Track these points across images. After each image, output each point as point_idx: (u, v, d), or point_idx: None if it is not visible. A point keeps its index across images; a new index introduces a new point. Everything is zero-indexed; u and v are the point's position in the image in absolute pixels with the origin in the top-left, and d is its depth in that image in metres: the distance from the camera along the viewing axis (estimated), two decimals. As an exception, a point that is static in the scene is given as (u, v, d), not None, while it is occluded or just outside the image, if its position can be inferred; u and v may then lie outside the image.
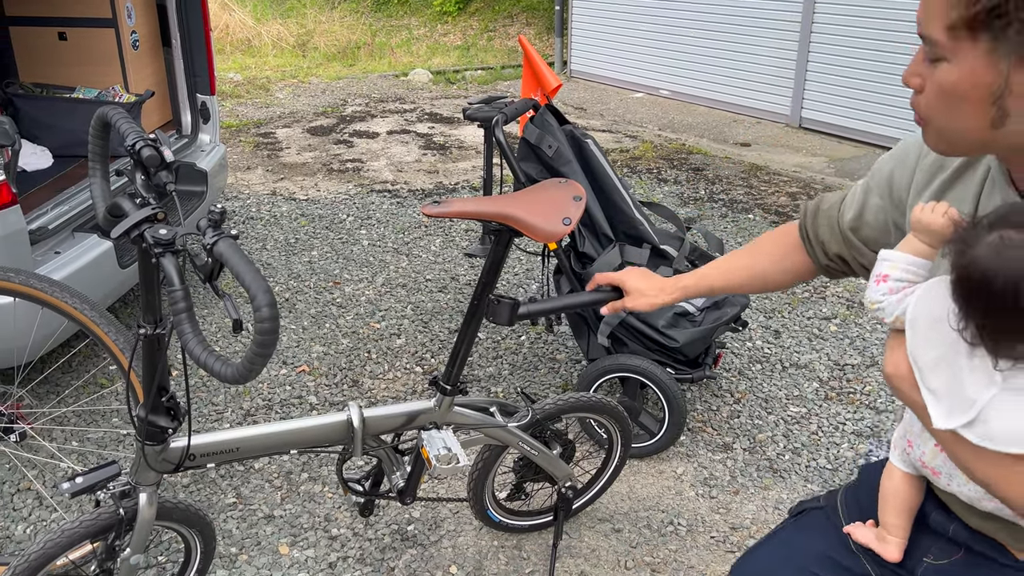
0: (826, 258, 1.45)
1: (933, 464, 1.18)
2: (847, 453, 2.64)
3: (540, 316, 1.75)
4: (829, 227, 1.43)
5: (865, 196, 1.36)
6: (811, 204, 1.47)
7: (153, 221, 1.32)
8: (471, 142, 6.18)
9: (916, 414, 1.10)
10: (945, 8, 0.95)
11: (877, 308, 1.09)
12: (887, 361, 1.12)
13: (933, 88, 1.02)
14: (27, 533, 2.18)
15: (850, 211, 1.38)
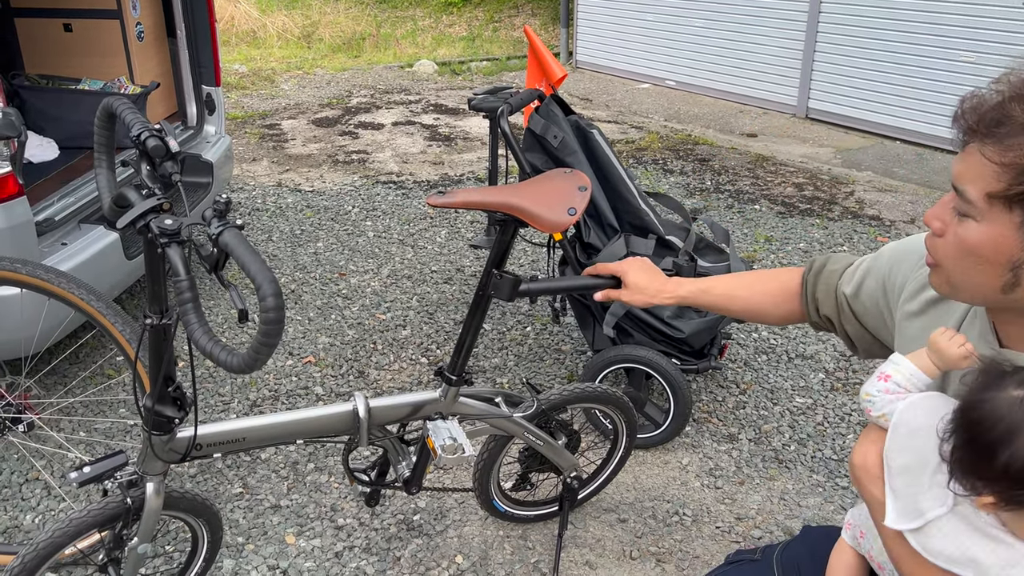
0: (817, 315, 1.51)
1: (880, 560, 1.25)
2: (853, 444, 2.64)
3: (539, 295, 1.75)
4: (826, 291, 1.48)
5: (864, 277, 1.40)
6: (819, 260, 1.52)
7: (159, 211, 1.32)
8: (476, 133, 6.17)
9: (869, 508, 1.16)
10: (990, 178, 0.98)
11: (868, 400, 1.15)
12: (857, 451, 1.18)
13: (954, 239, 1.05)
14: (35, 522, 2.19)
15: (848, 286, 1.43)
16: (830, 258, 1.50)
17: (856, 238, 4.28)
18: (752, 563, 1.53)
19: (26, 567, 1.53)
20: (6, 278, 1.97)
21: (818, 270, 1.49)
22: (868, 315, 1.41)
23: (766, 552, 1.53)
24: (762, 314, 1.59)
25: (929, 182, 5.28)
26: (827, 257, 1.51)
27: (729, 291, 1.60)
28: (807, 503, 2.37)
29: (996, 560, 0.99)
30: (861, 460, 1.15)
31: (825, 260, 1.50)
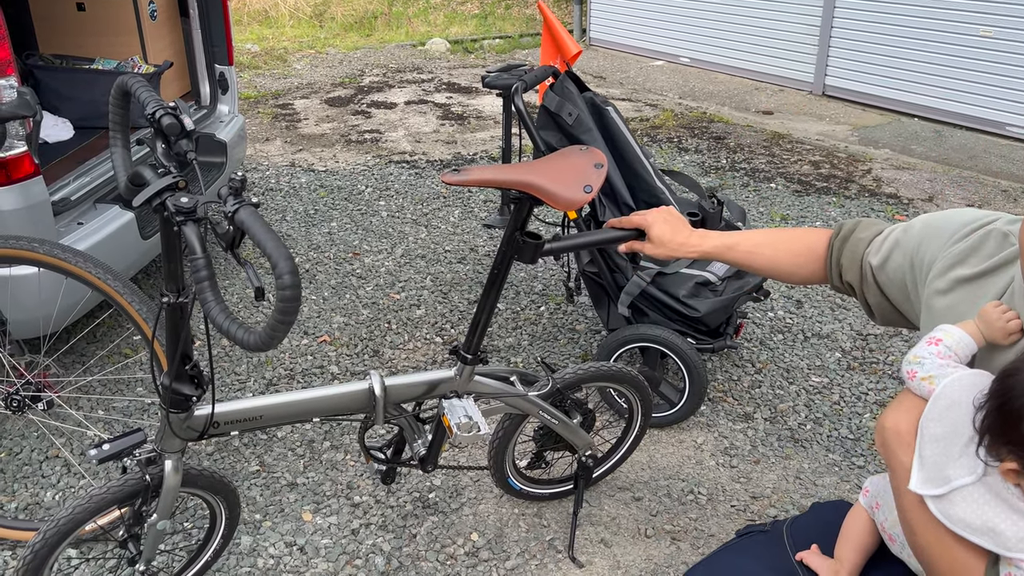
0: (839, 280, 1.50)
1: (893, 531, 1.27)
2: (869, 423, 2.63)
3: (563, 252, 1.74)
4: (852, 258, 1.46)
5: (892, 249, 1.39)
6: (848, 225, 1.50)
7: (174, 190, 1.32)
8: (489, 112, 6.14)
9: (893, 474, 1.16)
10: None
11: (917, 362, 1.17)
12: (889, 415, 1.18)
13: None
14: (56, 499, 2.22)
15: (876, 257, 1.42)
16: (859, 223, 1.49)
17: (873, 216, 4.23)
18: (762, 534, 1.54)
19: (47, 543, 1.54)
20: (24, 257, 1.98)
21: (846, 235, 1.48)
22: (892, 287, 1.40)
23: (775, 525, 1.55)
24: (785, 273, 1.57)
25: (947, 159, 5.22)
26: (856, 222, 1.49)
27: (754, 248, 1.58)
28: (823, 482, 2.36)
29: (1016, 532, 1.01)
30: (893, 424, 1.15)
31: (854, 225, 1.48)
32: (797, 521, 1.53)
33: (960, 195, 4.61)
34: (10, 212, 2.22)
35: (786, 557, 1.47)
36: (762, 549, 1.50)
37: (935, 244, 1.31)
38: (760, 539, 1.53)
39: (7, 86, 2.14)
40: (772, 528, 1.54)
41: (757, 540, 1.53)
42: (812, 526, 1.51)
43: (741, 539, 1.57)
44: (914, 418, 1.14)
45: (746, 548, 1.53)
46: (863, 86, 6.41)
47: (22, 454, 2.36)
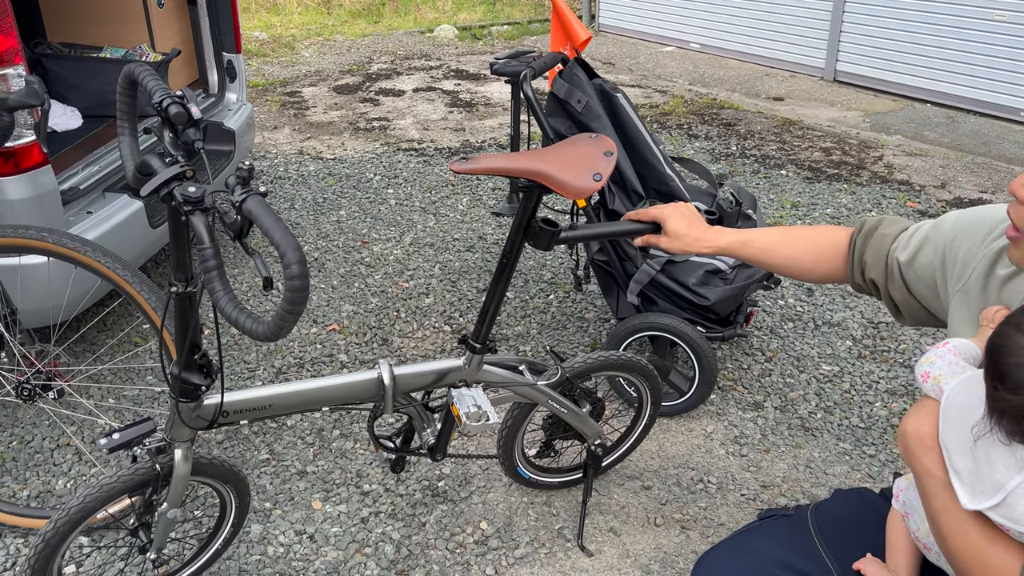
0: (861, 278, 1.47)
1: (926, 540, 1.25)
2: (880, 412, 2.61)
3: (578, 241, 1.72)
4: (876, 255, 1.43)
5: (921, 245, 1.36)
6: (870, 222, 1.47)
7: (182, 179, 1.32)
8: (497, 99, 6.11)
9: (919, 479, 1.14)
10: None
11: (930, 362, 1.15)
12: (910, 420, 1.15)
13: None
14: (67, 487, 2.23)
15: (904, 253, 1.39)
16: (882, 220, 1.46)
17: (885, 203, 4.20)
18: (786, 518, 1.52)
19: (59, 531, 1.55)
20: (33, 247, 1.98)
21: (869, 232, 1.45)
22: (920, 284, 1.37)
23: (799, 509, 1.53)
24: (802, 271, 1.55)
25: (961, 145, 5.17)
26: (879, 219, 1.47)
27: (770, 245, 1.56)
28: (833, 471, 2.35)
29: None
30: (915, 429, 1.12)
31: (877, 223, 1.46)
32: (821, 507, 1.51)
33: (973, 182, 4.56)
34: (19, 201, 2.22)
35: (810, 542, 1.45)
36: (786, 533, 1.48)
37: (969, 241, 1.28)
38: (783, 523, 1.51)
39: (15, 75, 2.14)
40: (796, 512, 1.52)
41: (780, 524, 1.51)
42: (837, 513, 1.48)
43: (764, 522, 1.55)
44: (935, 421, 1.12)
45: (769, 531, 1.51)
46: (875, 72, 6.34)
47: (34, 442, 2.38)
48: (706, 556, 1.54)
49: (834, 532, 1.45)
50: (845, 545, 1.42)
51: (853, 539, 1.43)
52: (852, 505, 1.50)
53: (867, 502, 1.50)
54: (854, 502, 1.51)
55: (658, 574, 2.00)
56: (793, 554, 1.44)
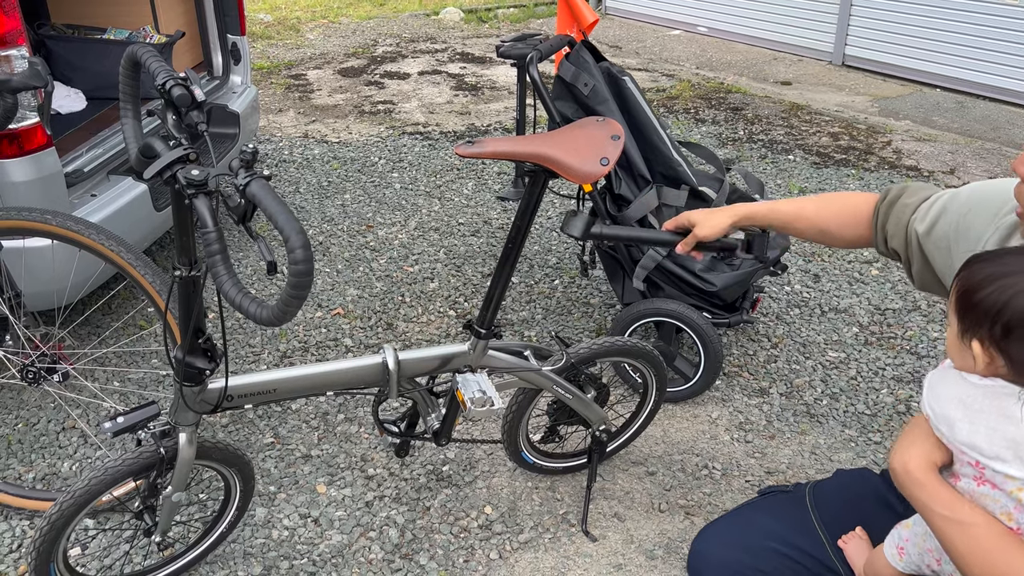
0: (884, 246, 1.48)
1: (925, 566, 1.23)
2: (887, 399, 2.60)
3: (611, 240, 1.76)
4: (897, 224, 1.44)
5: (939, 216, 1.37)
6: (894, 190, 1.48)
7: (185, 162, 1.30)
8: (503, 82, 6.08)
9: (921, 513, 1.13)
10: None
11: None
12: (895, 456, 1.15)
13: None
14: (73, 470, 2.23)
15: (922, 224, 1.39)
16: (906, 188, 1.46)
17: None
18: (785, 494, 1.55)
19: (64, 513, 1.56)
20: (37, 229, 1.97)
21: (892, 201, 1.46)
22: (938, 254, 1.37)
23: (798, 487, 1.55)
24: (829, 235, 1.56)
25: (970, 131, 5.13)
26: (903, 187, 1.47)
27: (797, 209, 1.58)
28: (839, 457, 2.35)
29: None
30: (900, 464, 1.13)
31: (900, 191, 1.46)
32: (820, 485, 1.53)
33: (982, 167, 4.53)
34: (23, 184, 2.21)
35: (807, 519, 1.47)
36: (784, 509, 1.51)
37: (983, 217, 1.29)
38: (782, 499, 1.53)
39: (18, 56, 2.12)
40: (795, 490, 1.54)
41: (779, 500, 1.54)
42: (835, 491, 1.50)
43: (763, 498, 1.58)
44: (919, 451, 1.12)
45: (768, 507, 1.53)
46: (884, 56, 6.29)
47: (39, 425, 2.38)
48: (706, 529, 1.56)
49: (831, 509, 1.47)
50: (841, 522, 1.44)
51: (849, 516, 1.44)
52: (851, 484, 1.52)
53: (866, 481, 1.51)
54: (853, 481, 1.52)
55: (662, 559, 2.00)
56: (790, 530, 1.46)
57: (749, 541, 1.48)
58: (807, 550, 1.43)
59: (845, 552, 1.41)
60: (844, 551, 1.41)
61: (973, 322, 1.07)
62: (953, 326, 1.12)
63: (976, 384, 1.08)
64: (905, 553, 1.27)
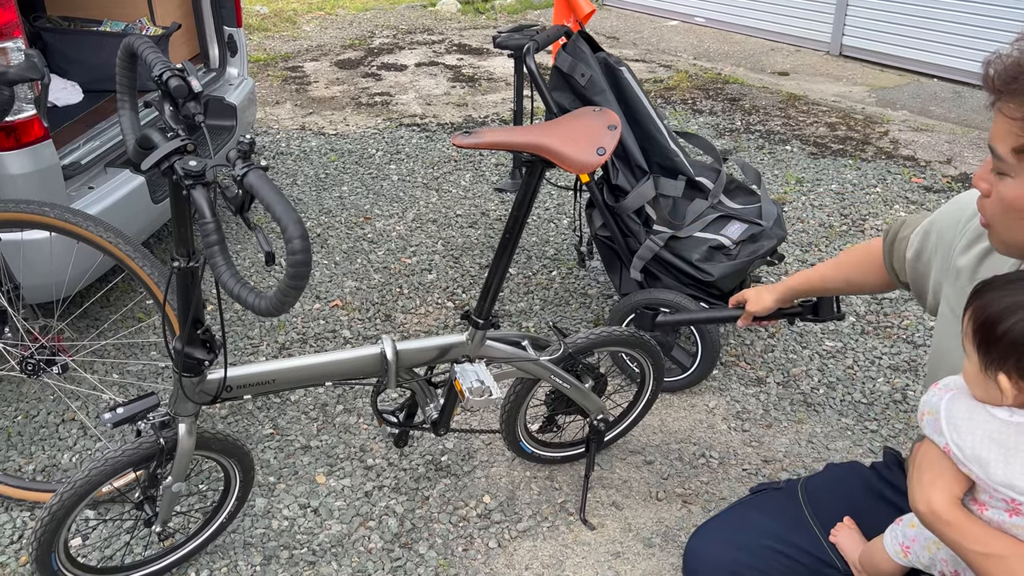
0: (899, 283, 1.53)
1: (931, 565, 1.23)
2: (883, 387, 2.62)
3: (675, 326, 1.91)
4: (900, 259, 1.49)
5: (924, 239, 1.41)
6: (893, 227, 1.53)
7: (183, 153, 1.31)
8: (500, 73, 6.07)
9: (955, 551, 1.11)
10: (1013, 132, 1.03)
11: (924, 402, 1.15)
12: (919, 500, 1.12)
13: (997, 198, 1.09)
14: (73, 461, 2.24)
15: (911, 250, 1.44)
16: (904, 222, 1.51)
17: (890, 179, 4.18)
18: (777, 491, 1.56)
19: (64, 504, 1.56)
20: (35, 221, 1.98)
21: (892, 238, 1.50)
22: (926, 273, 1.40)
23: (790, 483, 1.56)
24: (860, 286, 1.62)
25: (966, 121, 5.13)
26: (902, 221, 1.52)
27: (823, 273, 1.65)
28: (835, 446, 2.36)
29: None
30: (926, 507, 1.11)
31: (899, 226, 1.51)
32: (812, 480, 1.54)
33: (979, 156, 4.53)
34: (20, 176, 2.22)
35: (800, 514, 1.48)
36: (776, 506, 1.52)
37: (956, 226, 1.33)
38: (774, 496, 1.55)
39: (14, 48, 2.12)
40: (787, 486, 1.56)
41: (772, 497, 1.55)
42: (826, 485, 1.52)
43: (755, 496, 1.59)
44: (941, 488, 1.10)
45: (760, 504, 1.55)
46: (881, 46, 6.28)
47: (39, 417, 2.39)
48: (699, 530, 1.57)
49: (823, 503, 1.48)
50: (834, 515, 1.45)
51: (842, 509, 1.45)
52: (841, 477, 1.53)
53: (857, 474, 1.52)
54: (844, 474, 1.54)
55: (660, 547, 2.01)
56: (785, 527, 1.47)
57: (745, 540, 1.49)
58: (803, 546, 1.44)
59: (837, 544, 1.41)
60: (836, 543, 1.42)
61: (999, 355, 1.03)
62: (973, 359, 1.08)
63: (1007, 421, 1.05)
64: (911, 552, 1.26)
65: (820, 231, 3.61)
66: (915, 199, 3.96)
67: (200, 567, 1.92)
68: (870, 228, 3.64)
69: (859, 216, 3.76)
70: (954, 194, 4.05)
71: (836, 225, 3.67)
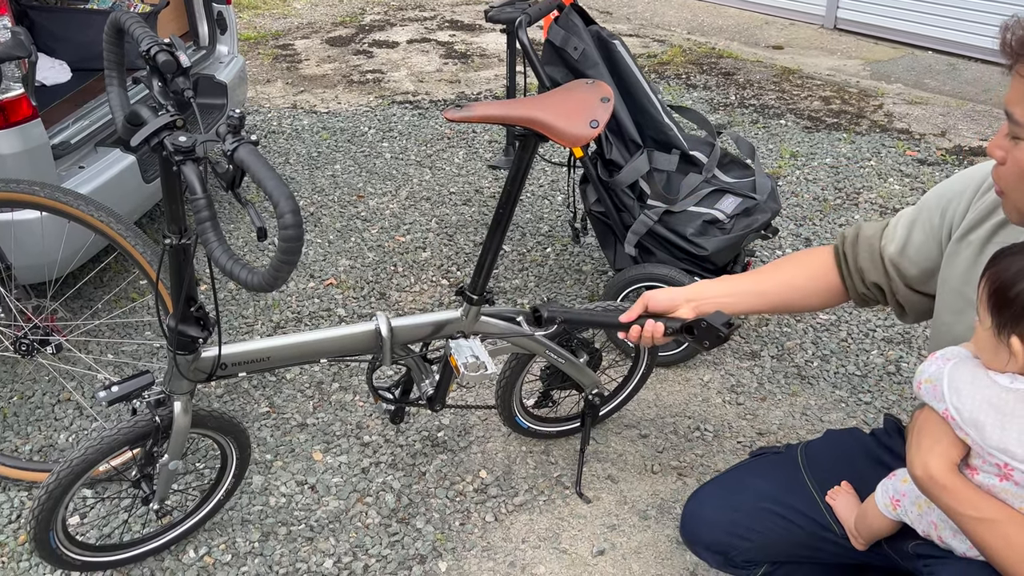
0: (863, 286, 1.47)
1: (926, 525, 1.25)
2: (877, 360, 2.63)
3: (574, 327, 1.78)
4: (870, 256, 1.44)
5: (909, 231, 1.37)
6: (850, 231, 1.48)
7: (172, 128, 1.30)
8: (493, 50, 6.02)
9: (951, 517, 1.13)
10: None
11: (921, 370, 1.16)
12: (916, 465, 1.14)
13: (1013, 164, 1.06)
14: (69, 441, 2.24)
15: (892, 244, 1.39)
16: (861, 227, 1.48)
17: (884, 152, 4.17)
18: (777, 455, 1.56)
19: (61, 483, 1.57)
20: (26, 201, 1.96)
21: (853, 240, 1.47)
22: (916, 269, 1.38)
23: (789, 447, 1.57)
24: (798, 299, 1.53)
25: (961, 93, 5.11)
26: (857, 227, 1.49)
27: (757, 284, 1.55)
28: (829, 418, 2.37)
29: None
30: (923, 472, 1.13)
31: (857, 229, 1.48)
32: (811, 445, 1.54)
33: (973, 129, 4.52)
34: (10, 156, 2.20)
35: (799, 478, 1.49)
36: (775, 470, 1.53)
37: (961, 203, 1.30)
38: (774, 460, 1.55)
39: (0, 26, 2.10)
40: (786, 450, 1.56)
41: (771, 461, 1.56)
42: (826, 449, 1.52)
43: (755, 459, 1.59)
44: (938, 454, 1.12)
45: (759, 468, 1.55)
46: (876, 19, 6.24)
47: (34, 397, 2.39)
48: (698, 492, 1.58)
49: (822, 467, 1.49)
50: (833, 480, 1.46)
51: (841, 474, 1.46)
52: (842, 442, 1.54)
53: (857, 440, 1.53)
54: (844, 439, 1.54)
55: (655, 519, 2.03)
56: (782, 489, 1.48)
57: (741, 502, 1.50)
58: (800, 509, 1.45)
59: (834, 508, 1.43)
60: (833, 507, 1.43)
61: (1012, 318, 1.05)
62: (986, 323, 1.09)
63: (1008, 388, 1.07)
64: (901, 506, 1.28)
65: (814, 205, 3.61)
66: (909, 172, 3.96)
67: (199, 544, 1.93)
68: (864, 202, 3.64)
69: (853, 190, 3.76)
70: (948, 167, 4.05)
71: (830, 199, 3.67)
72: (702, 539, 1.54)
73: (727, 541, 1.49)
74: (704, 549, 1.55)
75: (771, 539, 1.46)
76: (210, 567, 1.88)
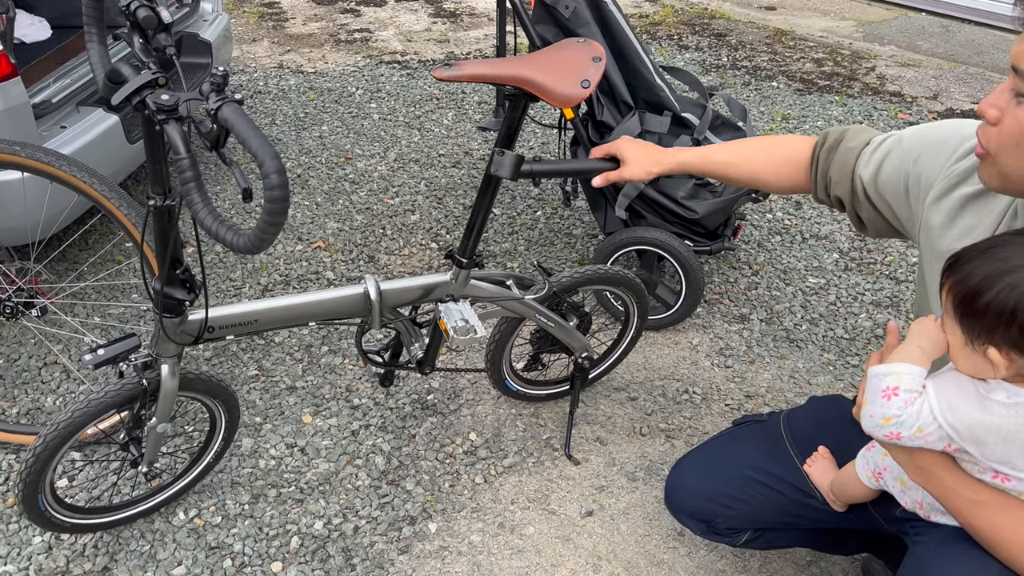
0: (824, 194, 1.43)
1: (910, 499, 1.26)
2: (865, 323, 2.64)
3: (541, 176, 1.70)
4: (841, 171, 1.39)
5: (883, 161, 1.32)
6: (833, 135, 1.41)
7: (154, 86, 1.26)
8: (483, 8, 5.93)
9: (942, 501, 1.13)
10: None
11: (895, 423, 1.06)
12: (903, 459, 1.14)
13: (1012, 123, 1.00)
14: (56, 404, 2.23)
15: (866, 169, 1.35)
16: (846, 132, 1.41)
17: (876, 115, 4.15)
18: (759, 424, 1.57)
19: (48, 446, 1.56)
20: (6, 161, 1.92)
21: (832, 145, 1.41)
22: (882, 201, 1.35)
23: (772, 416, 1.57)
24: (763, 183, 1.52)
25: (954, 56, 5.08)
26: (843, 130, 1.42)
27: (729, 158, 1.53)
28: (817, 381, 2.39)
29: None
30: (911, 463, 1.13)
31: (840, 135, 1.41)
32: (794, 413, 1.55)
33: (965, 92, 4.50)
34: (-11, 115, 2.15)
35: (781, 445, 1.50)
36: (758, 438, 1.54)
37: (936, 162, 1.25)
38: (756, 428, 1.56)
39: (-25, -19, 2.04)
40: (769, 419, 1.57)
41: (753, 429, 1.57)
42: (809, 418, 1.53)
43: (737, 428, 1.61)
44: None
45: (742, 436, 1.57)
46: (870, -21, 6.17)
47: (20, 360, 2.37)
48: (680, 462, 1.59)
49: (805, 435, 1.49)
50: (815, 446, 1.47)
51: (823, 440, 1.47)
52: (824, 409, 1.54)
53: (839, 407, 1.54)
54: (826, 407, 1.55)
55: (643, 481, 2.04)
56: (765, 457, 1.49)
57: (724, 470, 1.51)
58: (783, 476, 1.46)
59: (810, 475, 1.44)
60: (808, 474, 1.44)
61: (985, 328, 1.00)
62: (957, 334, 1.04)
63: (1004, 403, 1.02)
64: (883, 479, 1.29)
65: (805, 168, 3.60)
66: (900, 136, 3.94)
67: (188, 506, 1.93)
68: (855, 165, 3.63)
69: (844, 153, 3.74)
70: (939, 130, 4.03)
71: (821, 162, 3.65)
72: (685, 508, 1.55)
73: (710, 509, 1.50)
74: (688, 517, 1.56)
75: (754, 506, 1.47)
76: (200, 529, 1.88)
